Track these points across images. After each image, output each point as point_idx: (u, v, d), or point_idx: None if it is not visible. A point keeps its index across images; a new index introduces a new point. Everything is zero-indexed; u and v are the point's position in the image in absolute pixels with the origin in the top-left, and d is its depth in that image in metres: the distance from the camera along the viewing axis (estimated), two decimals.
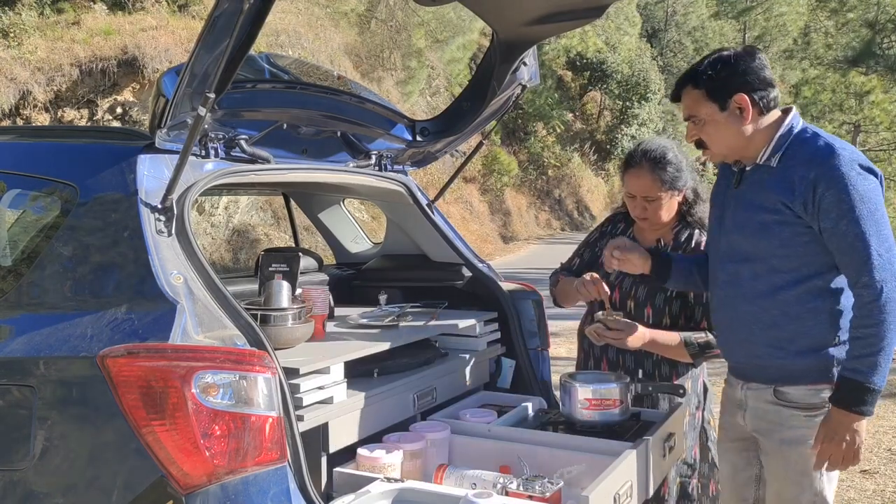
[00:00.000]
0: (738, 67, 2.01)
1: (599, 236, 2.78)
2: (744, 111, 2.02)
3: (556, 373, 2.75)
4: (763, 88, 2.02)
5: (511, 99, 2.91)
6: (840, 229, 1.92)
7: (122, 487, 1.69)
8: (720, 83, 2.02)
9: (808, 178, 1.94)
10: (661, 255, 2.39)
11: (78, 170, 2.10)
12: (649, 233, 2.65)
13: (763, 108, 2.03)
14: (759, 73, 2.02)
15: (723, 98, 2.02)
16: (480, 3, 2.49)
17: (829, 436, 1.96)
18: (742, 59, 2.02)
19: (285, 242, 11.36)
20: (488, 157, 21.51)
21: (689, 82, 2.08)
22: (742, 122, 2.03)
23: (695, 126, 2.09)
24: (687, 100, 2.09)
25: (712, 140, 2.08)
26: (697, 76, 2.05)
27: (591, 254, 2.77)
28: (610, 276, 2.64)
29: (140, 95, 11.83)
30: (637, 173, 2.53)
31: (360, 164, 2.90)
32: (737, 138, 2.05)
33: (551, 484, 1.86)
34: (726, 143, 2.07)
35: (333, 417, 2.09)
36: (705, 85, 2.03)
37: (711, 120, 2.05)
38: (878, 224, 1.92)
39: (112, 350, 1.73)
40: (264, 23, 1.82)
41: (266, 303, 2.23)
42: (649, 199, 2.53)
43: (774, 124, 2.05)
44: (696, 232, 2.61)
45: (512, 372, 2.91)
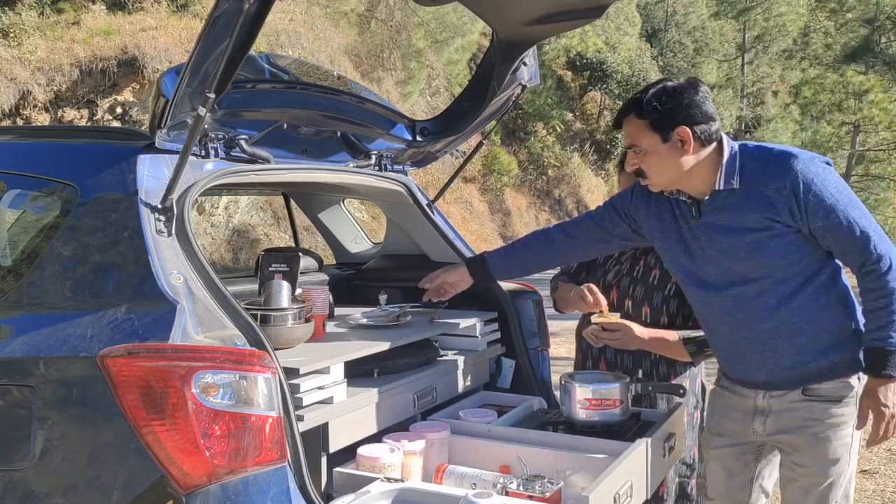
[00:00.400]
0: (682, 100, 2.05)
1: None
2: (685, 144, 2.05)
3: (556, 373, 2.75)
4: (705, 122, 2.06)
5: (511, 99, 2.91)
6: (832, 223, 1.98)
7: (122, 487, 1.69)
8: (664, 115, 2.05)
9: (785, 188, 2.00)
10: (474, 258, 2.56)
11: (78, 170, 2.10)
12: None
13: (704, 140, 2.07)
14: (701, 107, 2.06)
15: (666, 130, 2.05)
16: (480, 3, 2.49)
17: (873, 405, 2.00)
18: (686, 92, 2.06)
19: (285, 242, 11.36)
20: (488, 157, 21.51)
21: (632, 111, 2.11)
22: (683, 153, 2.06)
23: (636, 155, 2.12)
24: (629, 128, 2.12)
25: (652, 170, 2.11)
26: (642, 106, 2.08)
27: None
28: (608, 275, 2.64)
29: (140, 95, 11.83)
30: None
31: (360, 164, 2.90)
32: (676, 170, 2.08)
33: (551, 484, 1.86)
34: (666, 174, 2.10)
35: (333, 417, 2.09)
36: (649, 116, 2.06)
37: (653, 150, 2.08)
38: (859, 206, 2.01)
39: (112, 350, 1.73)
40: (264, 23, 1.82)
41: (266, 303, 2.23)
42: None
43: (715, 153, 2.09)
44: None
45: (512, 372, 2.91)
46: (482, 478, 1.98)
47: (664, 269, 2.56)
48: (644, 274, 2.61)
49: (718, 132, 2.09)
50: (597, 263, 2.72)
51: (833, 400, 2.09)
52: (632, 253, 2.66)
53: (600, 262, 2.72)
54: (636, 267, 2.64)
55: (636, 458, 2.04)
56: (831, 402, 2.09)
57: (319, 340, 2.37)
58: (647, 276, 2.60)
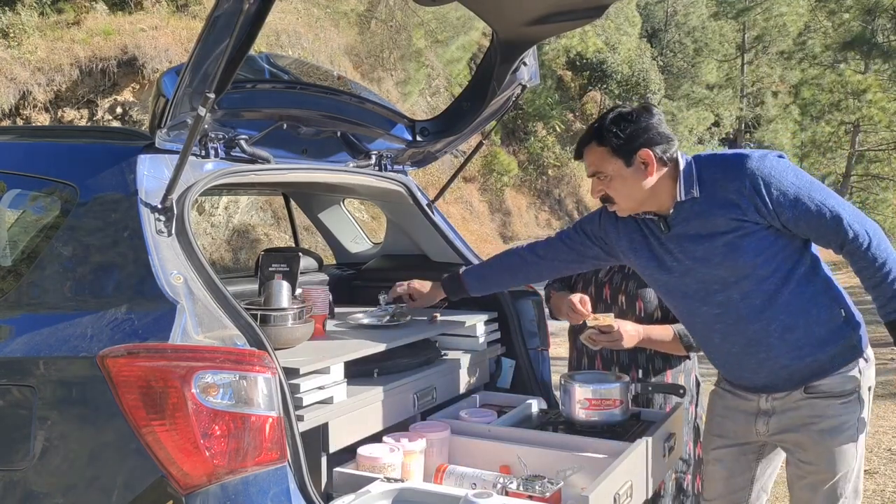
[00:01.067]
0: (640, 124, 2.10)
1: None
2: (648, 166, 2.10)
3: (556, 373, 2.75)
4: (665, 142, 2.11)
5: (511, 99, 2.91)
6: (801, 211, 2.00)
7: (122, 487, 1.69)
8: (625, 140, 2.10)
9: (745, 187, 2.02)
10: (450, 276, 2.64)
11: (78, 170, 2.10)
12: None
13: (666, 160, 2.12)
14: (658, 129, 2.11)
15: (628, 154, 2.10)
16: (480, 3, 2.49)
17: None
18: (643, 116, 2.11)
19: (285, 242, 11.36)
20: (488, 157, 21.51)
21: (592, 140, 2.15)
22: (646, 175, 2.11)
23: (601, 182, 2.16)
24: (591, 157, 2.16)
25: (619, 194, 2.15)
26: (602, 134, 2.13)
27: None
28: (599, 272, 2.65)
29: (140, 95, 11.84)
30: None
31: (360, 164, 2.90)
32: (641, 191, 2.13)
33: (551, 484, 1.87)
34: (633, 196, 2.14)
35: (333, 417, 2.09)
36: (610, 142, 2.11)
37: (618, 175, 2.12)
38: (821, 189, 2.03)
39: (112, 350, 1.73)
40: (264, 23, 1.82)
41: (266, 303, 2.23)
42: None
43: (672, 168, 2.14)
44: None
45: (512, 372, 2.91)
46: (482, 478, 1.98)
47: None
48: None
49: (676, 151, 2.14)
50: None
51: (836, 395, 2.09)
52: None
53: None
54: None
55: (636, 458, 2.04)
56: (834, 397, 2.09)
57: (319, 340, 2.37)
58: None
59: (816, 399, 2.10)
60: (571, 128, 28.99)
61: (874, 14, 28.24)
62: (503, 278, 2.61)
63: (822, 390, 2.09)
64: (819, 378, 2.09)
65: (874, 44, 28.32)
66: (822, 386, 2.09)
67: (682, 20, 33.87)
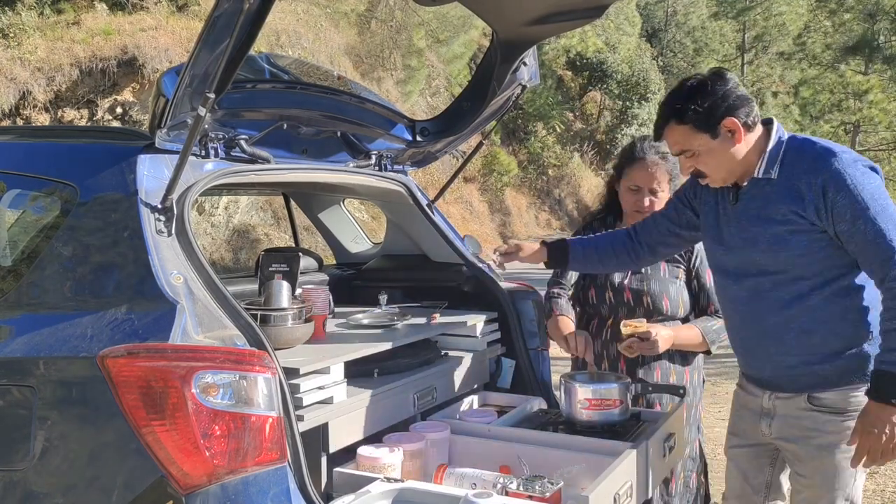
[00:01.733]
0: (717, 94, 2.02)
1: None
2: (735, 133, 2.03)
3: (556, 373, 2.75)
4: (745, 105, 2.04)
5: (511, 99, 2.91)
6: (858, 229, 1.92)
7: (122, 487, 1.69)
8: (706, 113, 2.02)
9: (816, 184, 1.95)
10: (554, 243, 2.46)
11: (78, 170, 2.10)
12: None
13: (751, 124, 2.05)
14: (736, 93, 2.04)
15: (712, 126, 2.03)
16: (480, 3, 2.49)
17: (868, 430, 1.92)
18: (718, 84, 2.04)
19: (285, 242, 11.35)
20: (488, 156, 21.51)
21: (671, 119, 2.08)
22: (734, 143, 2.04)
23: (689, 159, 2.10)
24: (674, 136, 2.09)
25: (711, 168, 2.09)
26: (680, 112, 2.05)
27: None
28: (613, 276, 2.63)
29: (140, 95, 11.83)
30: (646, 165, 2.58)
31: (360, 164, 2.89)
32: (733, 160, 2.06)
33: (551, 484, 1.86)
34: (725, 167, 2.08)
35: (333, 417, 2.09)
36: (691, 119, 2.03)
37: (706, 149, 2.06)
38: (893, 218, 1.92)
39: (112, 350, 1.73)
40: (264, 23, 1.82)
41: (266, 303, 2.23)
42: (656, 191, 2.57)
43: (762, 138, 2.07)
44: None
45: (512, 372, 2.91)
46: (482, 478, 1.98)
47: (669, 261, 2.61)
48: (653, 269, 2.62)
49: (758, 112, 2.07)
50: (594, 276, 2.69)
51: (838, 411, 2.04)
52: None
53: None
54: None
55: (636, 458, 2.04)
56: (836, 413, 2.04)
57: (319, 340, 2.37)
58: (656, 271, 2.62)
59: (818, 413, 2.06)
60: (571, 128, 28.98)
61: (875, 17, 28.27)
62: (607, 260, 2.44)
63: (826, 404, 2.05)
64: (824, 389, 2.05)
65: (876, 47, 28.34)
66: (825, 399, 2.05)
67: (682, 20, 33.88)
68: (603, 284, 2.63)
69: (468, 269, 3.07)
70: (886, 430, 1.89)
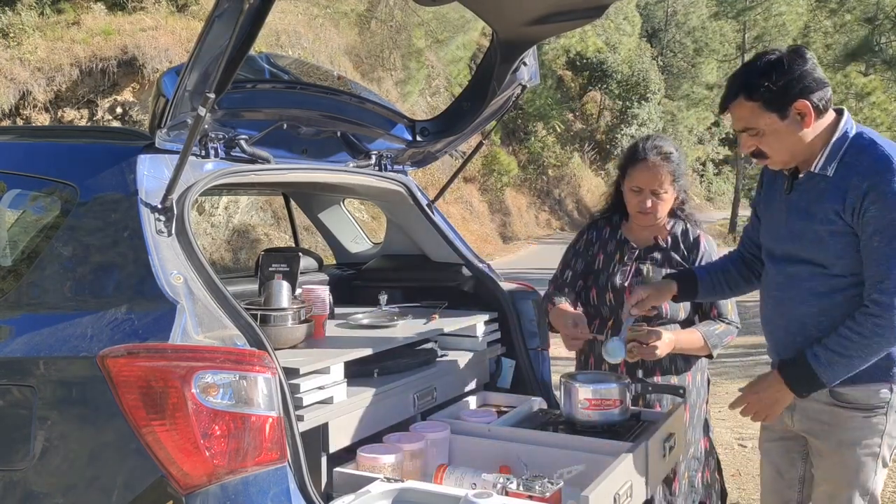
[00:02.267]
0: (794, 73, 1.92)
1: (586, 245, 2.75)
2: (805, 117, 1.94)
3: (556, 373, 2.75)
4: (821, 88, 1.94)
5: (511, 99, 2.91)
6: (872, 244, 1.89)
7: (122, 487, 1.69)
8: (779, 92, 1.92)
9: (860, 188, 1.90)
10: (682, 275, 2.39)
11: (78, 170, 2.10)
12: (644, 231, 2.65)
13: (823, 109, 1.96)
14: (814, 75, 1.94)
15: (783, 107, 1.93)
16: (480, 3, 2.49)
17: (756, 391, 2.08)
18: (796, 63, 1.93)
19: (285, 242, 11.36)
20: (488, 157, 21.52)
21: (740, 94, 1.97)
22: (803, 127, 1.96)
23: (752, 137, 2.00)
24: (740, 111, 1.99)
25: (774, 149, 2.00)
26: (750, 88, 1.95)
27: (583, 263, 2.73)
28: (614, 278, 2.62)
29: (140, 95, 11.84)
30: (648, 166, 2.55)
31: (360, 164, 2.89)
32: (798, 144, 1.98)
33: (551, 484, 1.86)
34: (789, 151, 2.00)
35: (333, 417, 2.09)
36: (762, 96, 1.93)
37: (772, 130, 1.96)
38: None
39: (112, 350, 1.73)
40: (264, 23, 1.82)
41: (266, 303, 2.23)
42: (658, 192, 2.55)
43: (829, 127, 1.99)
44: (688, 226, 2.65)
45: (512, 372, 2.91)
46: (482, 478, 1.98)
47: (674, 265, 2.59)
48: (655, 272, 2.61)
49: (831, 98, 1.98)
50: (597, 269, 2.69)
51: (860, 408, 2.02)
52: (636, 254, 2.64)
53: (599, 266, 2.68)
54: (644, 267, 2.63)
55: (636, 458, 2.04)
56: (859, 409, 2.02)
57: (319, 340, 2.37)
58: (658, 273, 2.60)
59: (840, 408, 2.03)
60: (571, 128, 29.00)
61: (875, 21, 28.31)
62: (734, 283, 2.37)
63: (847, 400, 2.02)
64: (846, 385, 2.00)
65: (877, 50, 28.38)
66: (847, 395, 2.02)
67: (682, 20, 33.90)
68: (604, 286, 2.63)
69: (468, 269, 3.07)
70: (769, 399, 2.06)
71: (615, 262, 2.67)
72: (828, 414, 2.06)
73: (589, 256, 2.72)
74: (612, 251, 2.68)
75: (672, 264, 2.60)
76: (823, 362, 1.95)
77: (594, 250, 2.71)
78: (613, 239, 2.70)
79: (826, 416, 2.06)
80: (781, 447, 2.26)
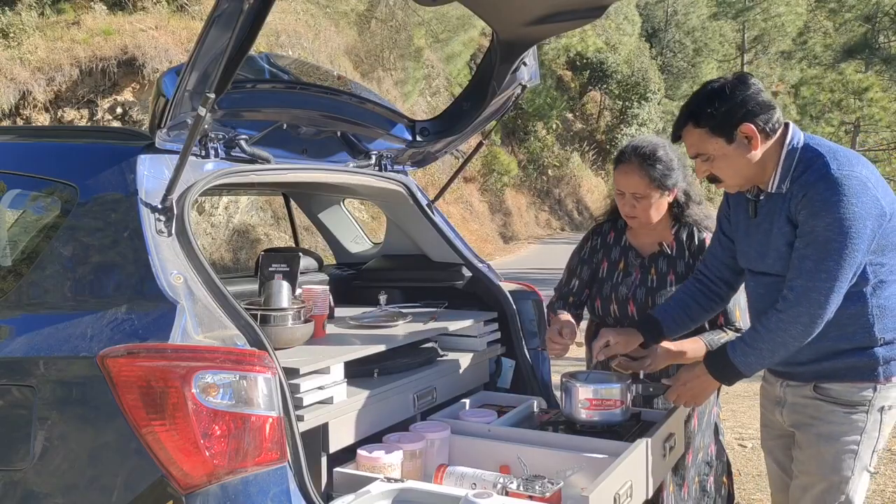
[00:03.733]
0: (735, 99, 2.00)
1: (591, 252, 2.70)
2: (751, 139, 2.01)
3: (556, 373, 2.74)
4: (765, 112, 2.01)
5: (511, 99, 2.91)
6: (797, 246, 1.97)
7: (122, 487, 1.69)
8: (722, 118, 2.00)
9: (798, 197, 1.97)
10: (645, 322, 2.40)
11: (78, 170, 2.10)
12: (645, 236, 2.61)
13: (769, 131, 2.02)
14: (757, 99, 2.01)
15: (728, 131, 2.00)
16: (480, 4, 2.49)
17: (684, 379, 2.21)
18: (738, 89, 2.01)
19: (285, 242, 11.36)
20: (488, 157, 21.52)
21: (688, 122, 2.06)
22: (750, 149, 2.02)
23: (704, 163, 2.07)
24: (690, 139, 2.07)
25: (725, 173, 2.07)
26: (697, 115, 2.03)
27: (589, 270, 2.69)
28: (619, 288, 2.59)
29: (140, 95, 11.83)
30: (626, 170, 2.49)
31: (360, 164, 2.89)
32: (749, 167, 2.04)
33: (551, 484, 1.86)
34: (740, 174, 2.06)
35: (333, 417, 2.09)
36: (707, 122, 2.01)
37: (721, 154, 2.04)
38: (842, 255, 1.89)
39: (112, 350, 1.73)
40: (264, 23, 1.82)
41: (266, 303, 2.23)
42: (638, 196, 2.48)
43: (777, 143, 2.04)
44: (695, 230, 2.58)
45: (512, 372, 2.91)
46: (482, 478, 1.98)
47: (679, 273, 2.54)
48: (660, 281, 2.56)
49: (780, 120, 2.03)
50: (601, 277, 2.65)
51: (841, 403, 2.05)
52: (640, 262, 2.61)
53: (604, 274, 2.64)
54: (648, 276, 2.58)
55: (636, 458, 2.04)
56: (839, 404, 2.05)
57: (319, 340, 2.37)
58: (662, 283, 2.55)
59: (822, 402, 2.07)
60: (571, 128, 29.00)
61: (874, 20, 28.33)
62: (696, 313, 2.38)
63: (831, 395, 2.06)
64: (830, 381, 2.06)
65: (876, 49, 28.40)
66: (831, 390, 2.06)
67: (682, 20, 33.90)
68: (608, 296, 2.60)
69: (468, 269, 3.07)
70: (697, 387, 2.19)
71: (619, 270, 2.63)
72: (812, 407, 2.09)
73: (594, 264, 2.68)
74: (616, 258, 2.65)
75: (678, 272, 2.55)
76: (739, 353, 2.05)
77: (598, 257, 2.68)
78: (618, 245, 2.66)
79: (810, 409, 2.10)
80: (782, 444, 2.28)
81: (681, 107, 2.13)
